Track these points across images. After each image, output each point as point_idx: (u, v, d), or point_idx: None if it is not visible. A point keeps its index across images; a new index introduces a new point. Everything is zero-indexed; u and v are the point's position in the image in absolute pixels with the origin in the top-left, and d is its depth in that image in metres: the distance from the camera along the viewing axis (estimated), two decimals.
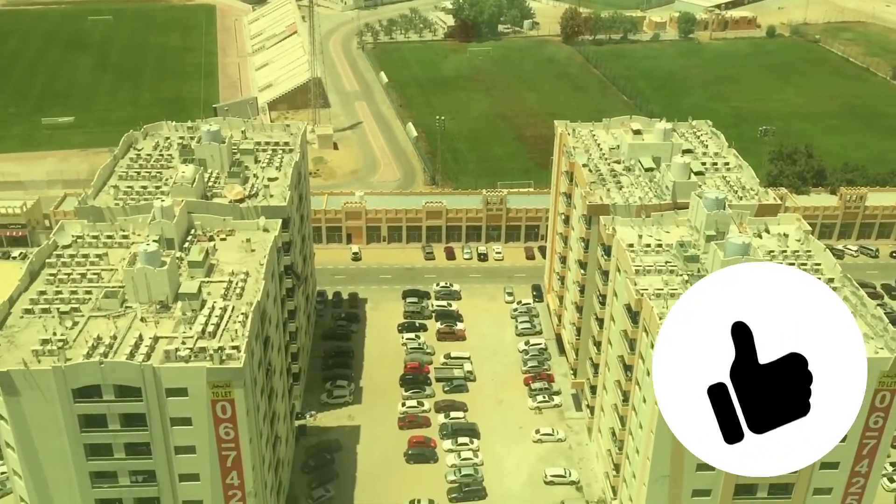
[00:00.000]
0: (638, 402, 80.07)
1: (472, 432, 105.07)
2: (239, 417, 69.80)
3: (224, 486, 72.92)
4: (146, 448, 70.58)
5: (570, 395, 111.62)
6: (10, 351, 68.72)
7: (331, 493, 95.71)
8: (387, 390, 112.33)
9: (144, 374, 66.86)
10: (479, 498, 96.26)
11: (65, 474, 70.85)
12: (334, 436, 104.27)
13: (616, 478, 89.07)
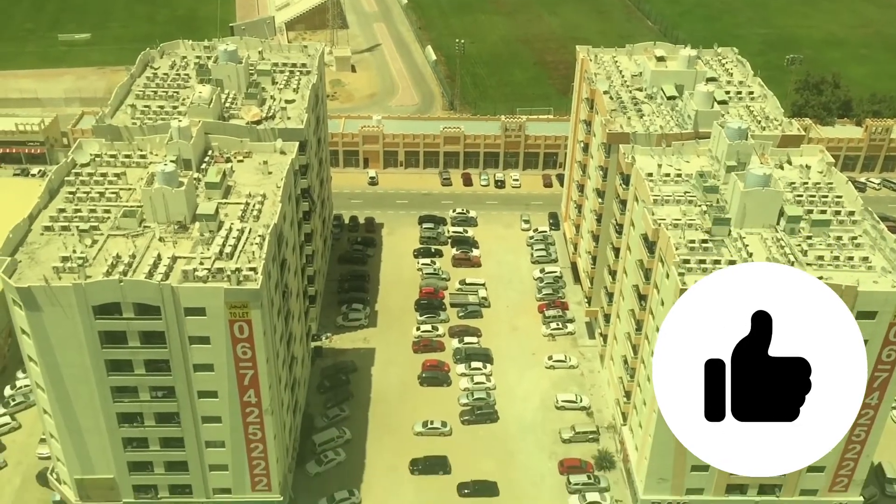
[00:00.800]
0: (651, 331, 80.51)
1: (486, 357, 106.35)
2: (256, 337, 70.86)
3: (242, 403, 74.52)
4: (165, 365, 71.97)
5: (583, 323, 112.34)
6: (31, 267, 69.66)
7: (346, 413, 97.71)
8: (402, 315, 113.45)
9: (163, 293, 67.72)
10: (490, 421, 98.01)
11: (86, 388, 72.58)
12: (349, 358, 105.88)
13: (626, 404, 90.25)
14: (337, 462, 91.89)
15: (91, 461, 77.53)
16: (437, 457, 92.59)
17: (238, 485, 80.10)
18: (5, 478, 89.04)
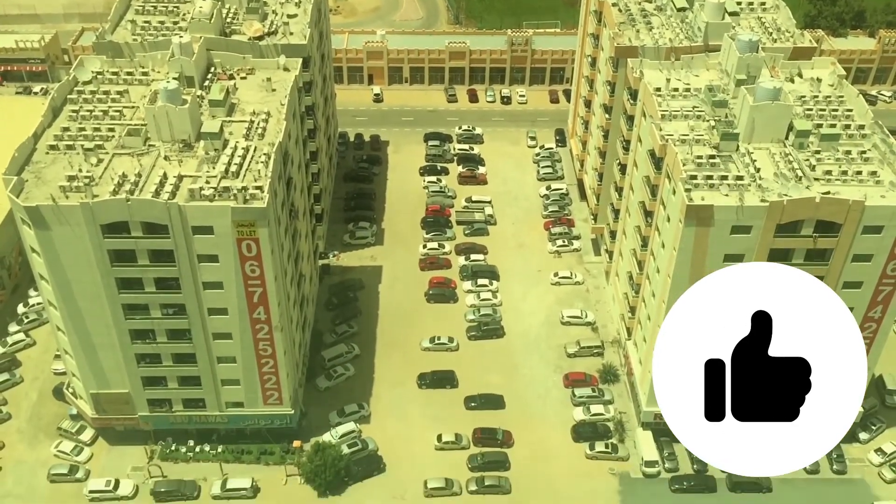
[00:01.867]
0: (656, 248, 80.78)
1: (492, 274, 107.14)
2: (264, 256, 71.37)
3: (251, 320, 75.60)
4: (175, 283, 72.75)
5: (589, 239, 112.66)
6: (38, 187, 69.77)
7: (354, 329, 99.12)
8: (408, 233, 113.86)
9: (171, 212, 67.95)
10: (496, 336, 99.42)
11: (98, 306, 73.61)
12: (357, 275, 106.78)
13: (631, 319, 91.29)
14: (346, 377, 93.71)
15: (106, 376, 79.23)
16: (445, 371, 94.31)
17: (250, 399, 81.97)
18: (22, 393, 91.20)
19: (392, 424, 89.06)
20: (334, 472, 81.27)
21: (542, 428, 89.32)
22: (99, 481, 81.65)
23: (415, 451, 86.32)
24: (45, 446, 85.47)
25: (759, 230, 70.94)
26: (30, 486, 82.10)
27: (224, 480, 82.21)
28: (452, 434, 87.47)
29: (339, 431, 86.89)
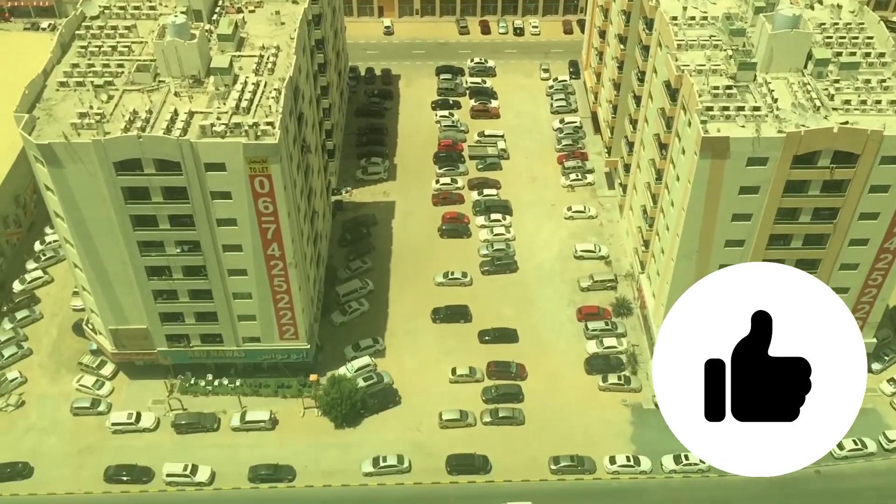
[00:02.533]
0: (671, 181, 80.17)
1: (505, 209, 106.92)
2: (277, 192, 71.34)
3: (266, 256, 76.01)
4: (189, 220, 73.01)
5: (603, 173, 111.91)
6: (50, 124, 69.62)
7: (368, 265, 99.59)
8: (421, 167, 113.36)
9: (182, 149, 67.78)
10: (510, 271, 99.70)
11: (113, 243, 74.12)
12: (370, 211, 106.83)
13: (645, 253, 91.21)
14: (360, 312, 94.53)
15: (124, 312, 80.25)
16: (458, 306, 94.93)
17: (266, 334, 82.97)
18: (42, 329, 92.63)
19: (407, 358, 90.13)
20: (350, 404, 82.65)
21: (556, 361, 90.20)
22: (121, 414, 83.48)
23: (429, 384, 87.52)
24: (66, 381, 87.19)
25: (775, 162, 70.19)
26: (53, 419, 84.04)
27: (243, 413, 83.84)
28: (466, 367, 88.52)
29: (355, 365, 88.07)
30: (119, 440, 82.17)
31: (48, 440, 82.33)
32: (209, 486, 78.89)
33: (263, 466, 79.63)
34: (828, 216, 74.63)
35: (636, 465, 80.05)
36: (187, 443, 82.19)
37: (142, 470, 79.32)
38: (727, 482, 79.15)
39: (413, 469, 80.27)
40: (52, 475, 79.47)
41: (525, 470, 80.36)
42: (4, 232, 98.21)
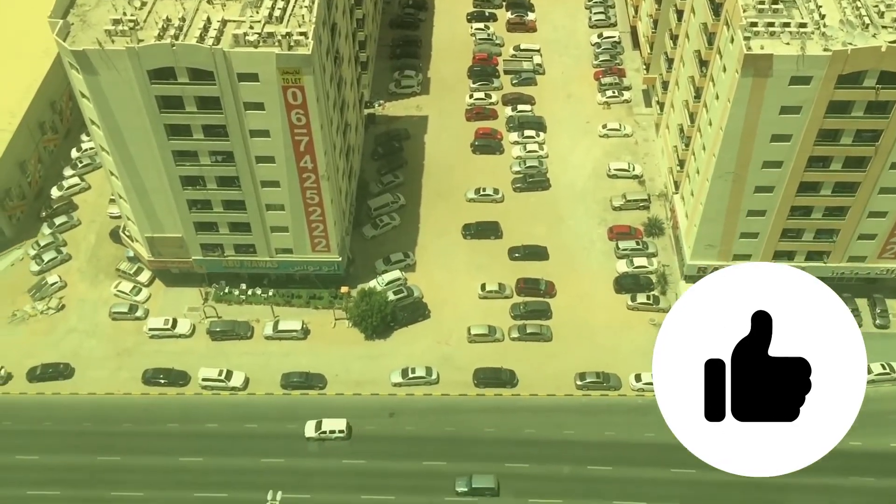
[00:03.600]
0: (710, 99, 78.45)
1: (539, 125, 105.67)
2: (309, 104, 71.02)
3: (298, 168, 76.24)
4: (223, 130, 73.17)
5: (640, 90, 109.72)
6: (84, 30, 69.37)
7: (400, 180, 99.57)
8: (454, 82, 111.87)
9: (216, 58, 67.42)
10: (542, 189, 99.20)
11: (148, 151, 74.69)
12: (403, 125, 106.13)
13: (679, 173, 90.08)
14: (392, 226, 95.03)
15: (159, 220, 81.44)
16: (489, 222, 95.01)
17: (299, 246, 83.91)
18: (80, 235, 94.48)
19: (437, 273, 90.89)
20: (380, 317, 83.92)
21: (585, 279, 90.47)
22: (157, 320, 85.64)
23: (459, 299, 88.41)
24: (104, 286, 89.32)
25: (819, 81, 68.26)
26: (93, 323, 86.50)
27: (276, 322, 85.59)
28: (496, 283, 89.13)
29: (385, 279, 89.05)
30: (156, 345, 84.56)
31: (88, 343, 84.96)
32: (243, 391, 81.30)
33: (295, 374, 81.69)
34: (870, 138, 72.88)
35: None
36: (222, 349, 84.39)
37: (178, 374, 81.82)
38: None
39: (441, 381, 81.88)
40: (92, 376, 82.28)
41: (551, 385, 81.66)
42: (42, 138, 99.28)
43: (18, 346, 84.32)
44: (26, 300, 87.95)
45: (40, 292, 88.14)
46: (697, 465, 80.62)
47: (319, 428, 77.36)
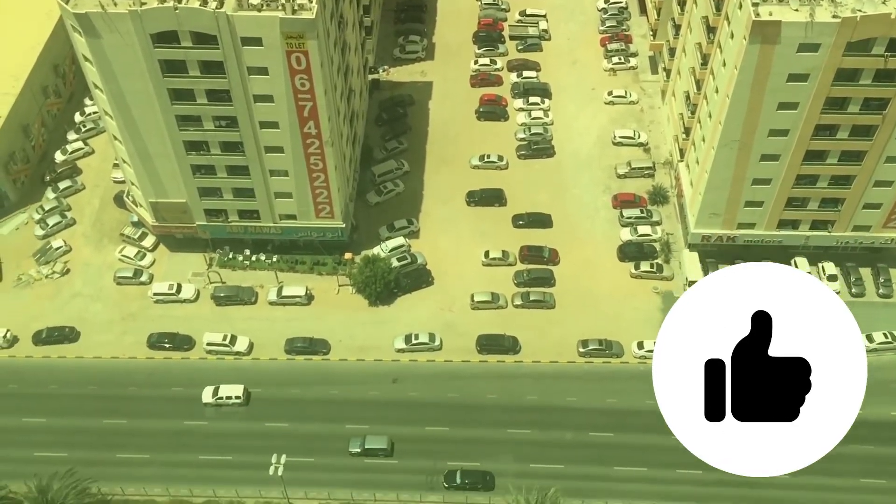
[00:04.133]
0: (717, 66, 77.82)
1: (544, 92, 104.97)
2: (313, 69, 70.61)
3: (302, 134, 75.98)
4: (226, 95, 72.86)
5: (646, 57, 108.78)
6: None
7: (404, 146, 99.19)
8: (459, 47, 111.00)
9: (219, 22, 66.95)
10: (547, 156, 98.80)
11: (152, 116, 74.45)
12: (407, 91, 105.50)
13: (685, 141, 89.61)
14: (396, 193, 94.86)
15: (163, 185, 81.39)
16: (493, 189, 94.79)
17: (303, 212, 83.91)
18: (85, 200, 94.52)
19: (440, 240, 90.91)
20: (384, 283, 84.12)
21: (589, 247, 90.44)
22: (162, 285, 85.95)
23: (462, 266, 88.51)
24: (109, 251, 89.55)
25: (827, 48, 67.64)
26: (97, 287, 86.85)
27: (280, 288, 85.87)
28: (499, 251, 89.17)
29: (389, 245, 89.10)
30: (160, 309, 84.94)
31: (93, 307, 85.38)
32: (247, 356, 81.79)
33: (299, 339, 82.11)
34: (877, 107, 72.39)
35: None
36: (226, 314, 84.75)
37: (183, 338, 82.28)
38: None
39: (444, 347, 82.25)
40: (98, 340, 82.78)
41: (553, 352, 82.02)
42: (45, 102, 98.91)
43: (24, 309, 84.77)
44: (31, 264, 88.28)
45: (45, 256, 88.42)
46: None
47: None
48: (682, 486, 72.75)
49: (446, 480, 72.94)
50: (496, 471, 73.64)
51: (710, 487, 72.40)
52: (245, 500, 72.71)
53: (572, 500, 70.24)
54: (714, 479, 72.34)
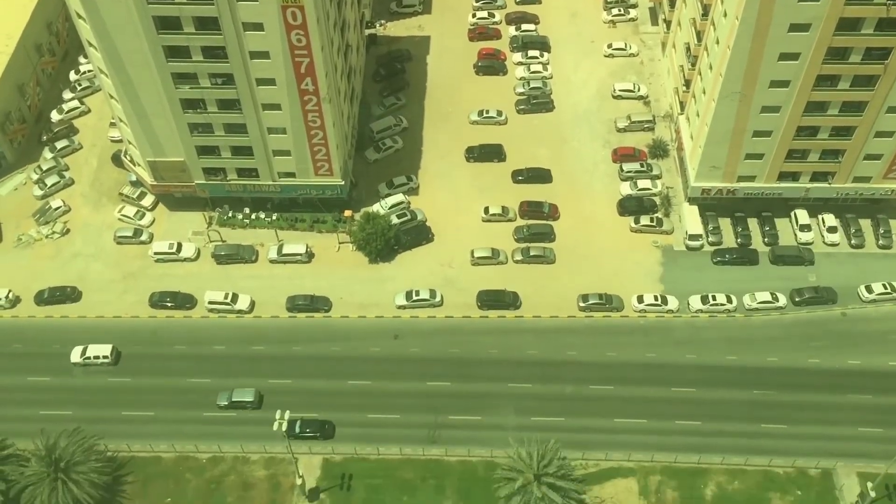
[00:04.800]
0: (718, 16, 76.92)
1: (543, 45, 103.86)
2: (309, 24, 69.78)
3: (299, 91, 75.39)
4: (222, 52, 72.12)
5: (646, 8, 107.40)
6: None
7: (402, 102, 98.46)
8: (457, 1, 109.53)
9: None
10: (546, 110, 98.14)
11: (148, 74, 73.79)
12: (404, 46, 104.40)
13: (685, 93, 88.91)
14: (394, 149, 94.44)
15: (161, 144, 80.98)
16: (492, 145, 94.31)
17: (301, 169, 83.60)
18: (82, 159, 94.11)
19: (440, 196, 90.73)
20: (384, 240, 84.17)
21: (589, 202, 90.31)
22: (162, 244, 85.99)
23: (462, 222, 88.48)
24: (108, 210, 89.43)
25: None
26: (98, 247, 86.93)
27: (280, 246, 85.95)
28: (499, 206, 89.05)
29: (389, 202, 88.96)
30: (161, 268, 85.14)
31: (94, 266, 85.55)
32: (249, 314, 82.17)
33: (300, 297, 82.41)
34: (879, 56, 71.73)
35: (663, 305, 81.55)
36: (227, 273, 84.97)
37: (185, 297, 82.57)
38: (752, 322, 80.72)
39: (445, 303, 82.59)
40: (99, 299, 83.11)
41: (554, 307, 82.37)
42: (39, 61, 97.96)
43: (25, 269, 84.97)
44: (31, 224, 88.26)
45: (44, 216, 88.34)
46: (696, 384, 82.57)
47: None
48: (681, 437, 73.69)
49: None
50: (498, 424, 74.39)
51: (708, 438, 73.52)
52: (250, 454, 73.63)
53: (573, 451, 71.12)
54: (713, 430, 73.90)
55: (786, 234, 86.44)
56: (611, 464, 72.74)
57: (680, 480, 71.89)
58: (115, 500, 71.31)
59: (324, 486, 71.95)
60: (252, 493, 71.72)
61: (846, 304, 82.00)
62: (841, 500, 70.66)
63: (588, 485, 70.71)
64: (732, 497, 70.91)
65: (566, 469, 68.46)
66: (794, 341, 79.38)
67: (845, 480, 71.39)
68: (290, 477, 71.82)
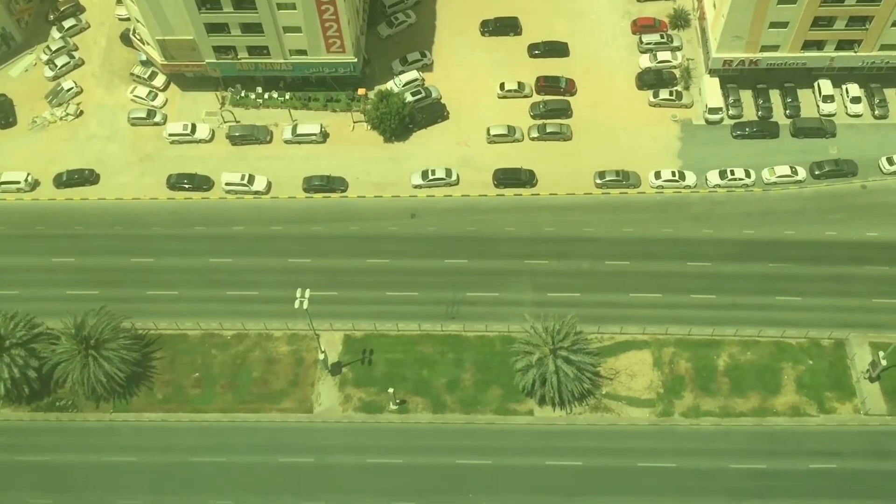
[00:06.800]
0: None
1: None
2: None
3: None
4: None
5: None
6: None
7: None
8: None
9: None
10: None
11: None
12: None
13: None
14: (408, 24, 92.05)
15: (169, 22, 79.34)
16: (508, 18, 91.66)
17: (313, 46, 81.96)
18: (91, 39, 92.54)
19: (455, 73, 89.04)
20: (399, 119, 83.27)
21: (606, 76, 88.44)
22: (177, 125, 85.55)
23: (477, 98, 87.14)
24: (120, 91, 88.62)
25: None
26: (112, 128, 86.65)
27: (294, 126, 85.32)
28: (515, 82, 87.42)
29: (403, 80, 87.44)
30: (177, 150, 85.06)
31: (110, 148, 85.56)
32: (266, 195, 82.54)
33: (316, 177, 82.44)
34: None
35: (681, 180, 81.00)
36: (242, 154, 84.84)
37: (202, 178, 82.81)
38: (769, 196, 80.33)
39: (461, 182, 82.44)
40: (118, 182, 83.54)
41: (570, 184, 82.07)
42: None
43: (42, 152, 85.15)
44: (44, 106, 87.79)
45: (57, 98, 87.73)
46: (712, 258, 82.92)
47: None
48: (695, 311, 74.67)
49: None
50: (515, 300, 75.49)
51: (722, 311, 74.50)
52: (273, 331, 75.53)
53: (589, 325, 72.45)
54: (727, 303, 74.87)
55: (808, 106, 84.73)
56: (626, 337, 74.16)
57: (693, 352, 73.37)
58: (146, 375, 73.77)
59: (345, 361, 74.04)
60: (276, 367, 73.97)
61: (867, 177, 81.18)
62: (852, 369, 72.02)
63: (603, 357, 72.36)
64: (744, 367, 72.48)
65: (581, 343, 69.96)
66: (812, 214, 79.13)
67: (857, 350, 72.56)
68: (312, 352, 73.83)
